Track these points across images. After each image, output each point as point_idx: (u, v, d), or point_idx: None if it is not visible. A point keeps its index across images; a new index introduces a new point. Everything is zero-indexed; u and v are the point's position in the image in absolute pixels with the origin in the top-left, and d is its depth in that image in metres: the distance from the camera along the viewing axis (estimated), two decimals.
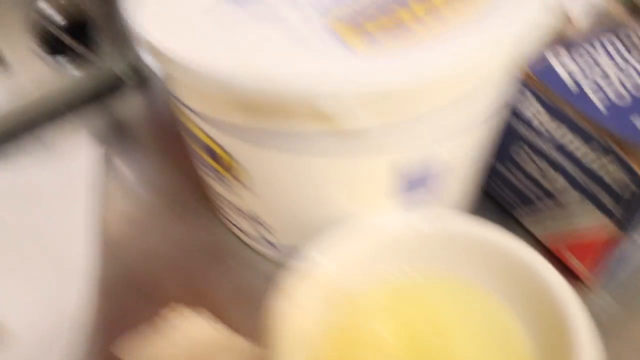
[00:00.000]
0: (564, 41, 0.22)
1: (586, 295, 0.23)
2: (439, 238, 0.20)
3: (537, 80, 0.20)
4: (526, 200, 0.24)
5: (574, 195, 0.21)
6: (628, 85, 0.20)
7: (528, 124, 0.22)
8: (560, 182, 0.21)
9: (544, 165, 0.22)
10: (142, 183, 0.29)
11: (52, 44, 0.30)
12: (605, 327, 0.22)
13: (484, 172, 0.25)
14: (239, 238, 0.25)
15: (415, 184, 0.20)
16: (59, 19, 0.29)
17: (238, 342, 0.21)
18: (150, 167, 0.30)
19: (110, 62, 0.33)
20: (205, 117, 0.19)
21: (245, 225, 0.24)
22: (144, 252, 0.25)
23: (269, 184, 0.20)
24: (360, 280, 0.20)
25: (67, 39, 0.30)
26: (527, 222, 0.25)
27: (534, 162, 0.22)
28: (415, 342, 0.19)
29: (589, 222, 0.21)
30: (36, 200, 0.27)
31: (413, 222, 0.20)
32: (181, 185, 0.29)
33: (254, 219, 0.22)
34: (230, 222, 0.25)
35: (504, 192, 0.25)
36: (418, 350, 0.19)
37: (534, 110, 0.21)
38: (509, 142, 0.23)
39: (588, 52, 0.21)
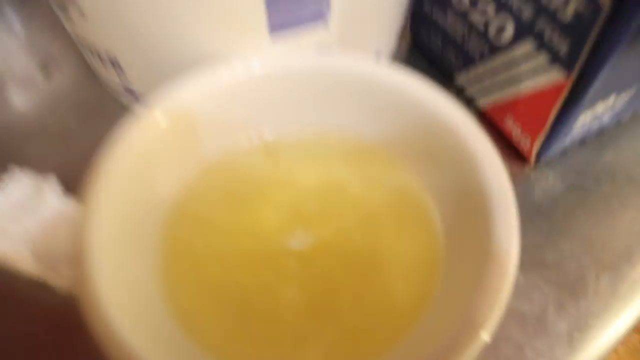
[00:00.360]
0: None
1: (528, 175, 0.20)
2: (322, 80, 0.15)
3: None
4: (468, 59, 0.20)
5: (521, 44, 0.17)
6: None
7: None
8: (507, 27, 0.17)
9: (488, 7, 0.17)
10: (16, 35, 0.25)
11: None
12: (549, 216, 0.18)
13: (407, 13, 0.21)
14: (112, 96, 0.22)
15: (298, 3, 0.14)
16: None
17: None
18: (28, 19, 0.25)
19: None
20: None
21: (107, 74, 0.19)
22: (9, 111, 0.22)
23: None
24: (218, 134, 0.15)
25: None
26: (469, 90, 0.21)
27: (476, 5, 0.17)
28: (292, 207, 0.15)
29: (537, 78, 0.17)
30: None
31: (290, 60, 0.15)
32: (59, 40, 0.24)
33: (111, 61, 0.17)
34: (99, 75, 0.21)
35: (444, 51, 0.21)
36: (296, 215, 0.15)
37: None
38: None
39: None
